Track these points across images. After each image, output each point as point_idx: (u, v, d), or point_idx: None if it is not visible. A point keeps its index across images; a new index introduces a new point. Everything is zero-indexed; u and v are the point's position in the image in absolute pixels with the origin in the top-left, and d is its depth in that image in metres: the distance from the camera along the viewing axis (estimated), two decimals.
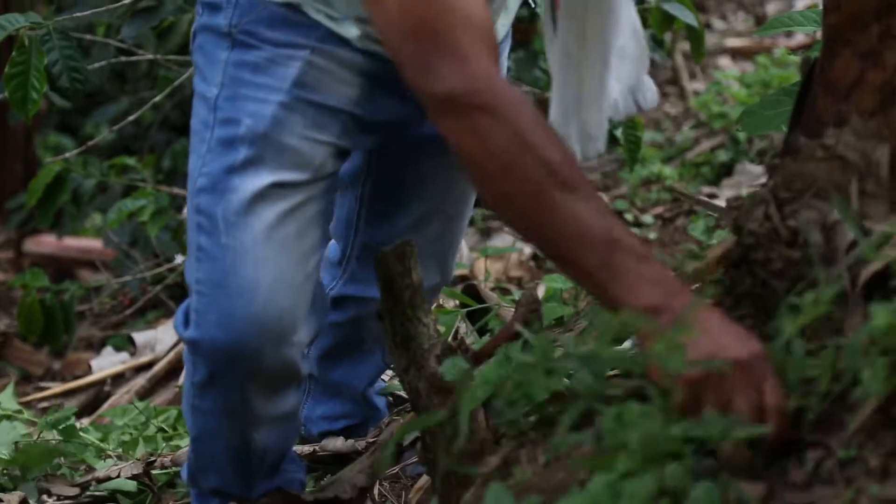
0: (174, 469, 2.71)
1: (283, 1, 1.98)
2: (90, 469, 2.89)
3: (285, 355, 2.06)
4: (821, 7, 1.74)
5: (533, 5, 2.27)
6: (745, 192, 3.48)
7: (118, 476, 2.74)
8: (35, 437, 3.08)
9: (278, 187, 1.99)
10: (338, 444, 2.56)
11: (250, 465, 2.22)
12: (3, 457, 2.92)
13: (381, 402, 2.72)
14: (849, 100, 1.59)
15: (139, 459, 2.80)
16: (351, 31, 1.99)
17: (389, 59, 1.97)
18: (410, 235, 2.28)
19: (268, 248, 2.00)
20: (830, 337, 1.46)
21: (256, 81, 2.00)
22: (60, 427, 2.94)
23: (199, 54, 2.08)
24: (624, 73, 2.12)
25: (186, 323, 2.08)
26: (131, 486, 2.76)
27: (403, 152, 2.24)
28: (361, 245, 2.35)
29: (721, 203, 3.15)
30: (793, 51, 5.53)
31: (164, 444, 3.01)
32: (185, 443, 2.92)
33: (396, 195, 2.31)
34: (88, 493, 2.76)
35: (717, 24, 7.44)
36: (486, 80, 1.66)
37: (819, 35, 1.73)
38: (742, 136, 4.90)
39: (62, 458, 2.95)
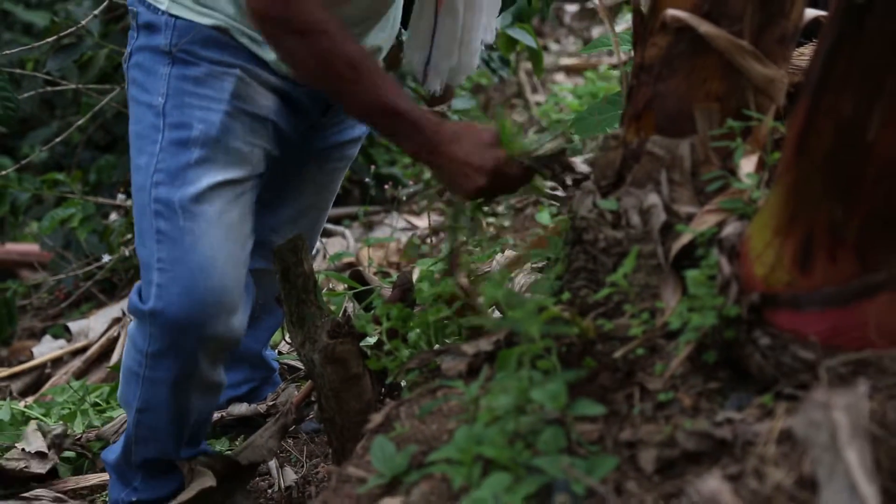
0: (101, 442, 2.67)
1: (214, 25, 1.98)
2: None
3: (233, 324, 2.05)
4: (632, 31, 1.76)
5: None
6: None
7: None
8: None
9: (226, 182, 2.00)
10: (242, 409, 2.54)
11: (184, 432, 2.20)
12: None
13: (274, 362, 2.73)
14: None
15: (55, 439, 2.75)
16: (270, 55, 2.00)
17: (296, 81, 2.02)
18: (290, 224, 2.35)
19: (219, 231, 1.99)
20: (647, 301, 1.48)
21: (199, 92, 1.99)
22: None
23: (137, 70, 2.06)
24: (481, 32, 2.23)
25: (141, 300, 2.04)
26: (69, 453, 2.70)
27: (293, 158, 2.24)
28: None
29: (561, 195, 3.18)
30: (613, 66, 5.60)
31: (86, 419, 2.96)
32: (116, 414, 2.86)
33: (282, 191, 2.32)
34: None
35: (553, 46, 7.51)
36: (297, 11, 1.78)
37: (632, 53, 1.76)
38: (577, 137, 4.94)
39: None
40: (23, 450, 2.66)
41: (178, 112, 1.99)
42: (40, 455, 2.65)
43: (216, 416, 2.53)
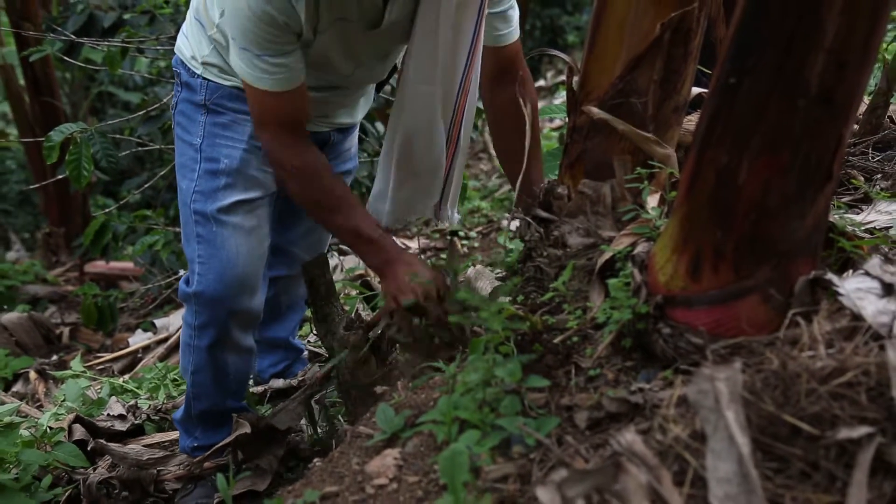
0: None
1: (234, 85, 1.98)
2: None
3: (254, 302, 2.04)
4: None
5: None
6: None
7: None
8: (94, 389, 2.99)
9: (244, 200, 2.00)
10: (279, 383, 2.51)
11: (228, 386, 2.17)
12: (74, 405, 2.83)
13: (301, 344, 2.68)
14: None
15: (151, 406, 2.71)
16: None
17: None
18: (303, 238, 2.33)
19: (241, 234, 1.99)
20: (580, 302, 1.47)
21: (226, 135, 1.99)
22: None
23: (181, 116, 2.06)
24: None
25: (188, 285, 2.05)
26: (154, 417, 2.69)
27: None
28: (272, 245, 2.23)
29: (516, 223, 3.17)
30: (554, 129, 5.61)
31: (166, 391, 2.94)
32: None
33: (294, 214, 2.30)
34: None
35: None
36: (295, 157, 1.82)
37: (567, 119, 1.75)
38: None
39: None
40: (108, 414, 2.69)
41: (211, 149, 2.00)
42: (121, 417, 2.67)
43: (260, 389, 2.50)
